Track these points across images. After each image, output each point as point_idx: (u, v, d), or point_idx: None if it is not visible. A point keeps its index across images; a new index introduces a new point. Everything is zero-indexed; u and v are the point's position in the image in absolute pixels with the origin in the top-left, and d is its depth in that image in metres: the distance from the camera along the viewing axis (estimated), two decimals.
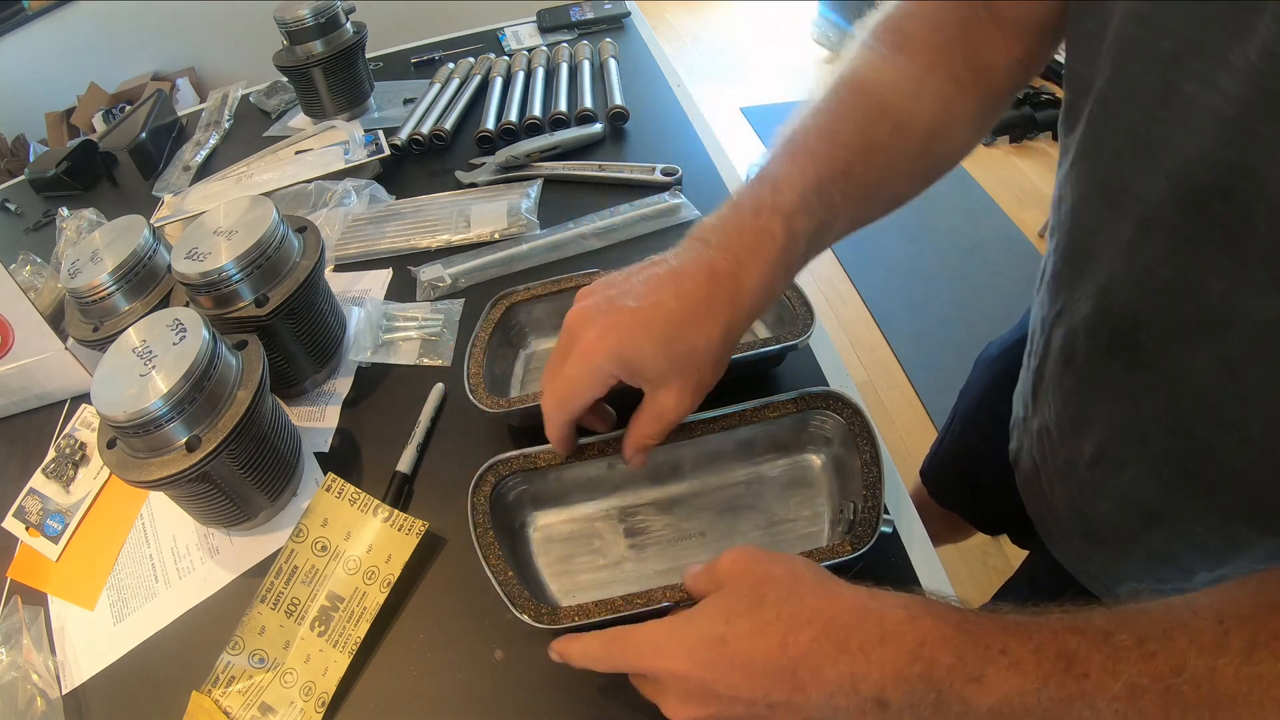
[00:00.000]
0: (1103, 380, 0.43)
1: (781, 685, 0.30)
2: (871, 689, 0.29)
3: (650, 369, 0.38)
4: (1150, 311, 0.37)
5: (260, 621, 0.48)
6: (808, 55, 2.94)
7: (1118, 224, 0.37)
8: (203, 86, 2.10)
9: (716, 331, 0.38)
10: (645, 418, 0.41)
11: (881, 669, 0.29)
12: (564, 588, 0.49)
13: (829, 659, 0.30)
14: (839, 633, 0.30)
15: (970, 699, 0.28)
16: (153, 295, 0.61)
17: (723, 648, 0.32)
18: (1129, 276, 0.37)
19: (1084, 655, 0.27)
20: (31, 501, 0.62)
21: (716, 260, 0.39)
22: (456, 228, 0.78)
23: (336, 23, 0.89)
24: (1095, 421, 0.45)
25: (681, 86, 0.97)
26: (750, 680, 0.31)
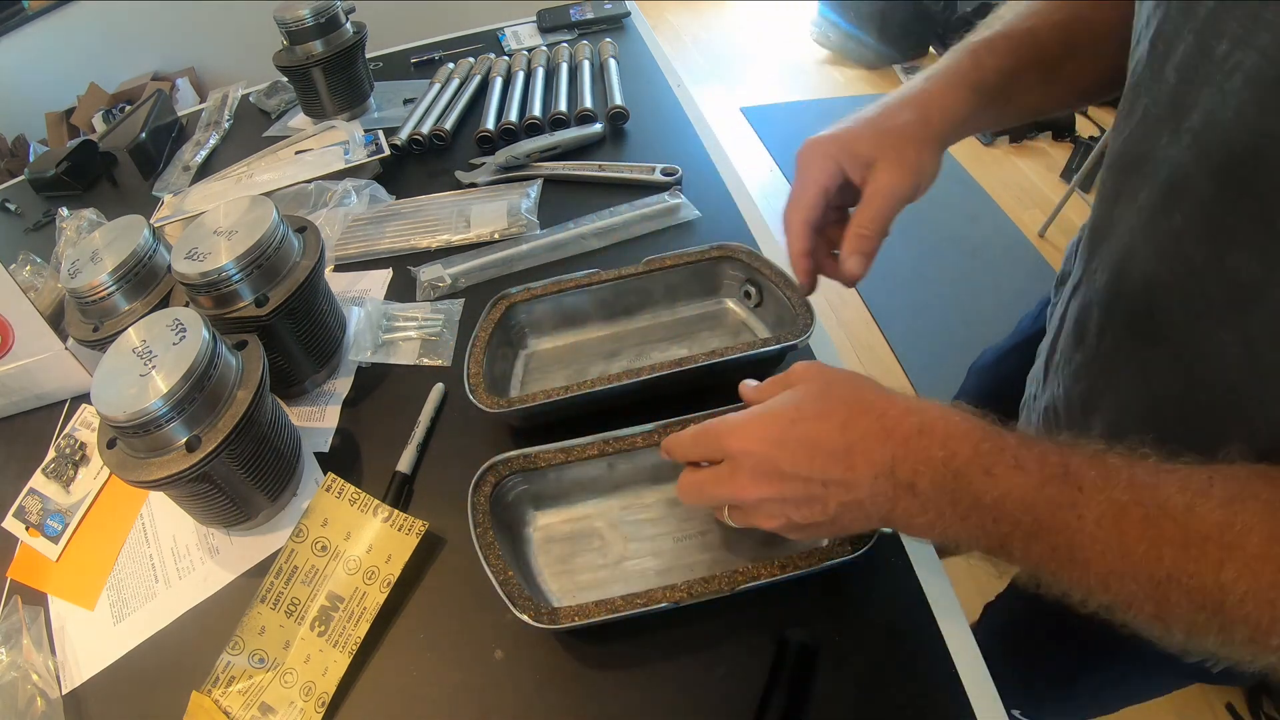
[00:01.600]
0: (1114, 357, 0.43)
1: (838, 464, 0.35)
2: (906, 474, 0.34)
3: (861, 146, 0.44)
4: (1169, 285, 0.37)
5: (260, 621, 0.48)
6: (808, 55, 2.94)
7: (1139, 190, 0.37)
8: (203, 86, 2.09)
9: (911, 115, 0.45)
10: (862, 204, 0.45)
11: (915, 454, 0.33)
12: (564, 588, 0.49)
13: (878, 442, 0.34)
14: (889, 422, 0.35)
15: (979, 489, 0.32)
16: (153, 295, 0.61)
17: (793, 428, 0.36)
18: (1150, 248, 0.37)
19: (1080, 471, 0.31)
20: (31, 501, 0.62)
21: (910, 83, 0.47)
22: (456, 228, 0.78)
23: (336, 23, 0.89)
24: (1104, 400, 0.45)
25: (681, 86, 0.97)
26: (813, 457, 0.35)
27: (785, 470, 0.36)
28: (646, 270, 0.61)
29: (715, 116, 2.60)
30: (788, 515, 0.37)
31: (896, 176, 0.43)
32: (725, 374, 0.55)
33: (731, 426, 0.38)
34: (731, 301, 0.64)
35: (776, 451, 0.36)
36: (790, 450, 0.36)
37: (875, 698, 0.43)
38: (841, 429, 0.35)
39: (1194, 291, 0.35)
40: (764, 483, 0.36)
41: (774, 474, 0.36)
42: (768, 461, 0.36)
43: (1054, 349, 0.51)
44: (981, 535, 0.33)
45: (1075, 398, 0.48)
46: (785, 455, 0.36)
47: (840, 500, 0.35)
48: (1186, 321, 0.36)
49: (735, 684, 0.44)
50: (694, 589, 0.43)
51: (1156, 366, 0.40)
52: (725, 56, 3.03)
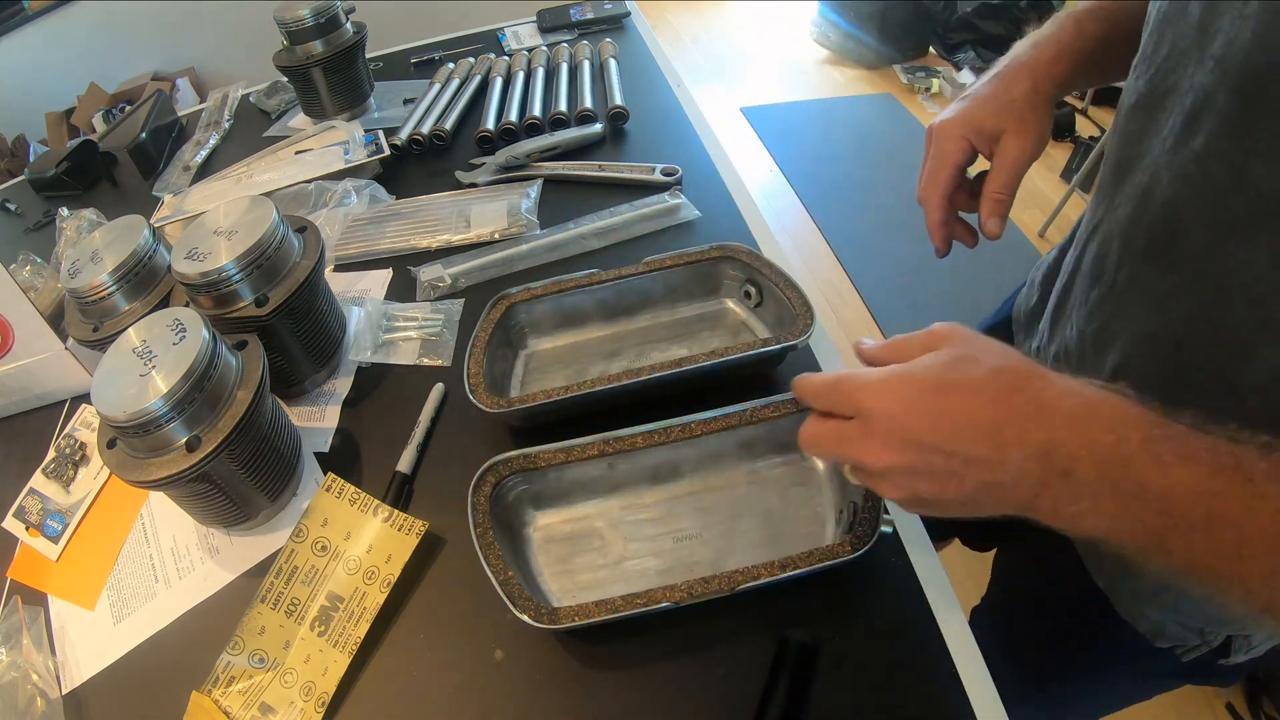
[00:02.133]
0: (1132, 288, 0.43)
1: (985, 441, 0.32)
2: (1063, 459, 0.31)
3: (986, 121, 0.50)
4: (1192, 206, 0.37)
5: (260, 621, 0.48)
6: (808, 55, 2.94)
7: (1165, 121, 0.38)
8: (203, 86, 2.09)
9: (1026, 84, 0.49)
10: (993, 171, 0.50)
11: (1080, 438, 0.31)
12: (564, 588, 0.49)
13: (1033, 422, 0.31)
14: (1047, 401, 0.32)
15: (1146, 479, 0.30)
16: (153, 295, 0.61)
17: (938, 397, 0.33)
18: (1173, 171, 0.38)
19: (1251, 462, 0.29)
20: (31, 501, 0.62)
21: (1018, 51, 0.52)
22: (456, 228, 0.78)
23: (336, 23, 0.89)
24: (1120, 334, 0.45)
25: (681, 86, 0.97)
26: (957, 431, 0.32)
27: (924, 440, 0.33)
28: (646, 270, 0.61)
29: (715, 116, 2.60)
30: (915, 489, 0.34)
31: (1023, 144, 0.49)
32: (725, 374, 0.55)
33: (870, 382, 0.34)
34: (731, 301, 0.64)
35: (917, 419, 0.33)
36: (933, 420, 0.33)
37: (875, 698, 0.43)
38: (993, 403, 0.32)
39: (1217, 209, 0.35)
40: (897, 450, 0.33)
41: (910, 442, 0.33)
42: (906, 428, 0.33)
43: (1067, 294, 0.52)
44: (1139, 528, 0.31)
45: (1089, 336, 0.49)
46: (926, 424, 0.33)
47: (980, 480, 0.32)
48: (1209, 240, 0.36)
49: (735, 684, 0.44)
50: (694, 589, 0.43)
51: (1176, 293, 0.39)
52: (725, 56, 3.02)
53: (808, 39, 2.99)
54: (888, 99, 2.59)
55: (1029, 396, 0.32)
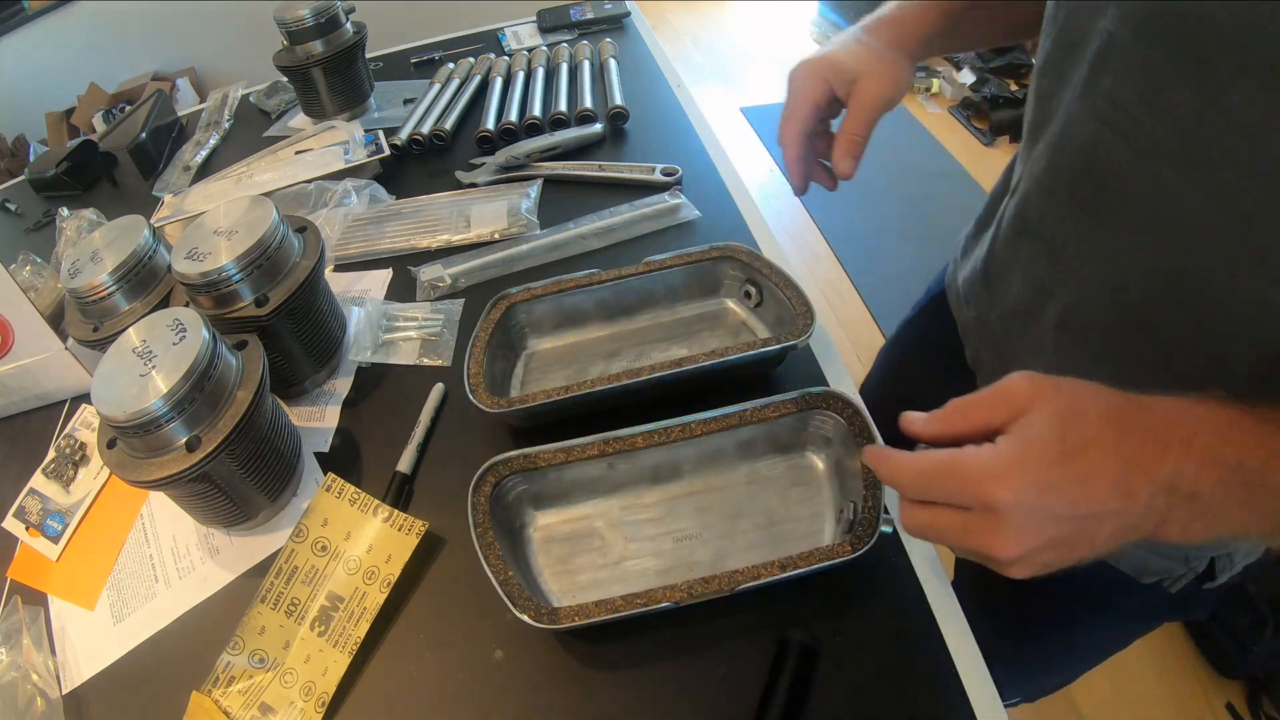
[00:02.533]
0: (1065, 236, 0.44)
1: (1116, 492, 0.30)
2: (1189, 483, 0.30)
3: (846, 63, 0.51)
4: (1112, 145, 0.37)
5: (260, 621, 0.48)
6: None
7: (1074, 72, 0.40)
8: (203, 86, 2.09)
9: (890, 34, 0.52)
10: (850, 113, 0.51)
11: (1198, 458, 0.30)
12: (564, 588, 0.49)
13: (1155, 458, 0.30)
14: (1159, 431, 0.31)
15: (1266, 475, 0.30)
16: (153, 295, 0.61)
17: (1066, 463, 0.30)
18: (1087, 114, 0.39)
19: None
20: (31, 501, 0.62)
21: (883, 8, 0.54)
22: (456, 228, 0.78)
23: (336, 23, 0.89)
24: (1059, 285, 0.46)
25: (681, 86, 0.96)
26: (1090, 493, 0.30)
27: (1060, 514, 0.30)
28: (646, 270, 0.61)
29: (715, 116, 2.60)
30: (1047, 561, 0.32)
31: (879, 87, 0.50)
32: (725, 374, 0.55)
33: (995, 471, 0.31)
34: (731, 301, 0.64)
35: (1051, 497, 0.30)
36: (1067, 490, 0.30)
37: (875, 697, 0.43)
38: (1115, 451, 0.30)
39: (1140, 139, 0.36)
40: (1032, 535, 0.31)
41: (1047, 522, 0.31)
42: (1043, 510, 0.30)
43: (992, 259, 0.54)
44: (1265, 518, 0.31)
45: (1029, 292, 0.50)
46: (1060, 498, 0.30)
47: (1113, 528, 0.31)
48: (1139, 175, 0.36)
49: (735, 684, 0.44)
50: (694, 589, 0.43)
51: (1114, 233, 0.40)
52: (725, 56, 3.02)
53: (808, 39, 2.99)
54: None
55: (1144, 432, 0.31)
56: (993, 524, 0.31)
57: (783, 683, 0.42)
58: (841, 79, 0.51)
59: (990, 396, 0.33)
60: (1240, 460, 0.30)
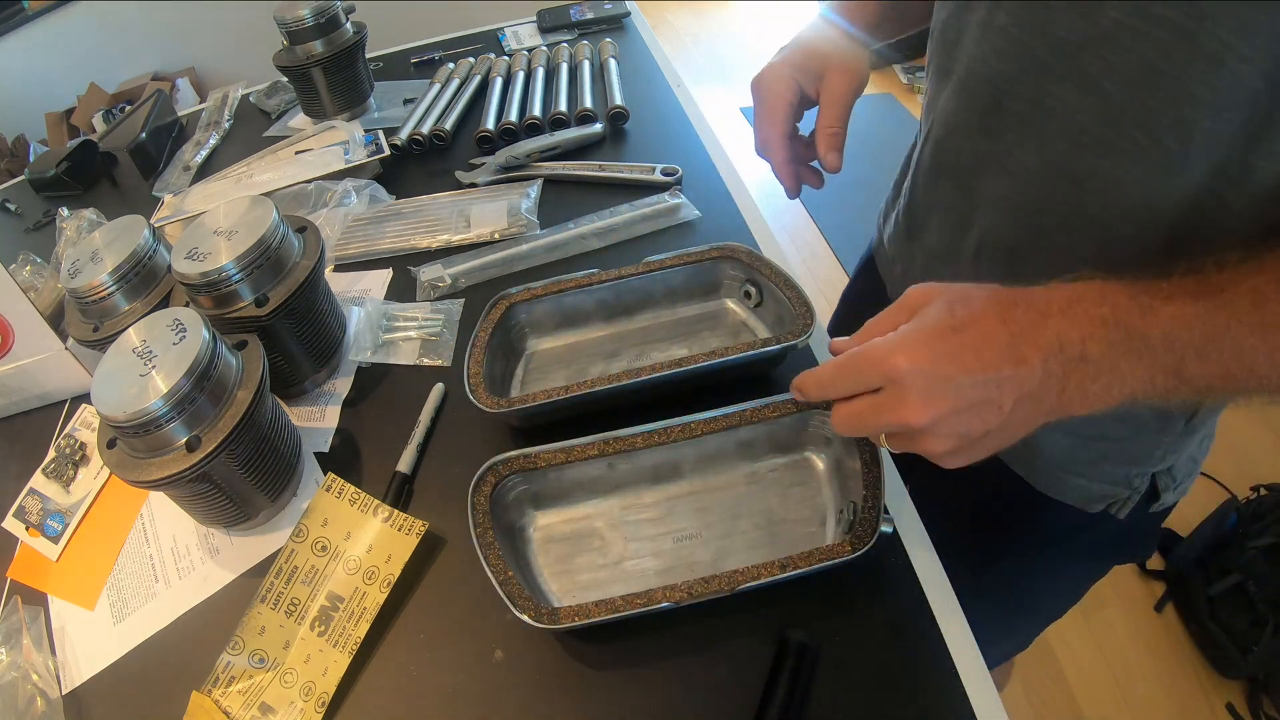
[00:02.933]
0: (978, 168, 0.48)
1: (1008, 358, 0.34)
2: (1075, 345, 0.34)
3: (812, 60, 0.53)
4: (1009, 72, 0.42)
5: (260, 621, 0.48)
6: None
7: (974, 15, 0.44)
8: (203, 86, 2.09)
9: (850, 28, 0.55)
10: (823, 108, 0.53)
11: (1079, 321, 0.34)
12: (564, 588, 0.49)
13: (1038, 325, 0.34)
14: (1040, 303, 0.35)
15: (1145, 329, 0.33)
16: (153, 295, 0.61)
17: (955, 335, 0.35)
18: (985, 48, 0.44)
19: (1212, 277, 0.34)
20: (31, 501, 0.62)
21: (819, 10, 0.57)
22: (456, 228, 0.78)
23: (336, 23, 0.89)
24: (974, 213, 0.50)
25: (681, 86, 0.96)
26: (983, 359, 0.34)
27: (960, 378, 0.34)
28: (646, 270, 0.61)
29: (715, 116, 2.60)
30: (960, 430, 0.35)
31: (846, 79, 0.53)
32: (725, 374, 0.55)
33: (890, 348, 0.35)
34: (731, 301, 0.64)
35: (947, 364, 0.34)
36: (960, 357, 0.34)
37: (875, 697, 0.43)
38: (1001, 322, 0.35)
39: (1028, 63, 0.41)
40: (937, 399, 0.34)
41: (947, 386, 0.34)
42: (939, 376, 0.34)
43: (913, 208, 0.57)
44: (1158, 374, 0.34)
45: (948, 228, 0.53)
46: (956, 364, 0.34)
47: (1015, 395, 0.34)
48: (1030, 96, 0.42)
49: (735, 684, 0.44)
50: (694, 589, 0.43)
51: (1015, 151, 0.44)
52: (725, 56, 3.02)
53: None
54: (888, 99, 2.59)
55: (1026, 305, 0.35)
56: (900, 394, 0.35)
57: (783, 683, 0.42)
58: (809, 77, 0.53)
59: (895, 306, 0.39)
60: (1118, 319, 0.34)
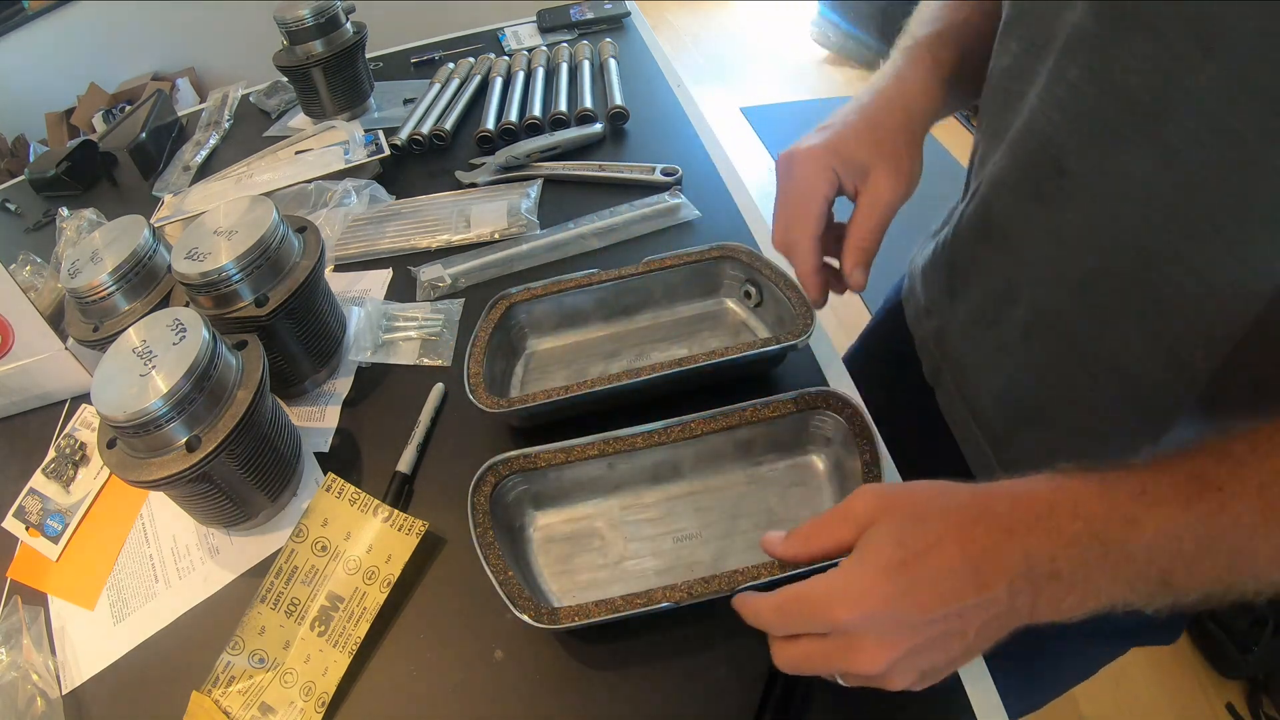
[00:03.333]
0: (1027, 235, 0.43)
1: (969, 587, 0.31)
2: (1044, 564, 0.30)
3: (858, 154, 0.44)
4: (1074, 133, 0.37)
5: (260, 621, 0.48)
6: (808, 55, 2.94)
7: (1037, 65, 0.39)
8: (203, 86, 2.09)
9: (900, 117, 0.45)
10: (860, 215, 0.44)
11: (1049, 538, 0.30)
12: (564, 588, 0.49)
13: (1002, 546, 0.31)
14: (1003, 519, 0.31)
15: (1127, 541, 0.30)
16: (153, 295, 0.61)
17: (906, 571, 0.31)
18: (1048, 103, 0.38)
19: (1212, 472, 0.29)
20: (31, 501, 0.62)
21: (878, 84, 0.47)
22: (456, 228, 0.78)
23: (336, 23, 0.89)
24: (1023, 284, 0.45)
25: (681, 86, 0.96)
26: (941, 593, 0.31)
27: (916, 620, 0.31)
28: (646, 270, 0.61)
29: (715, 116, 2.59)
30: (922, 666, 0.32)
31: (895, 185, 0.43)
32: (725, 374, 0.55)
33: (834, 594, 0.32)
34: (731, 301, 0.64)
35: (900, 606, 0.31)
36: (915, 595, 0.31)
37: (875, 698, 0.43)
38: (959, 551, 0.31)
39: (1094, 126, 0.36)
40: (893, 644, 0.31)
41: (902, 630, 0.31)
42: (891, 621, 0.31)
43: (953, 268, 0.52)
44: (1140, 583, 0.31)
45: (993, 296, 0.48)
46: (911, 604, 0.31)
47: (979, 622, 0.31)
48: (1098, 161, 0.36)
49: (735, 684, 0.44)
50: (694, 589, 0.43)
51: (1074, 224, 0.39)
52: (725, 56, 3.02)
53: (808, 39, 2.99)
54: None
55: (987, 524, 0.32)
56: (850, 643, 0.32)
57: (782, 683, 0.42)
58: (851, 172, 0.44)
59: (838, 515, 0.35)
60: (1094, 532, 0.30)
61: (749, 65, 2.95)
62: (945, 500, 0.33)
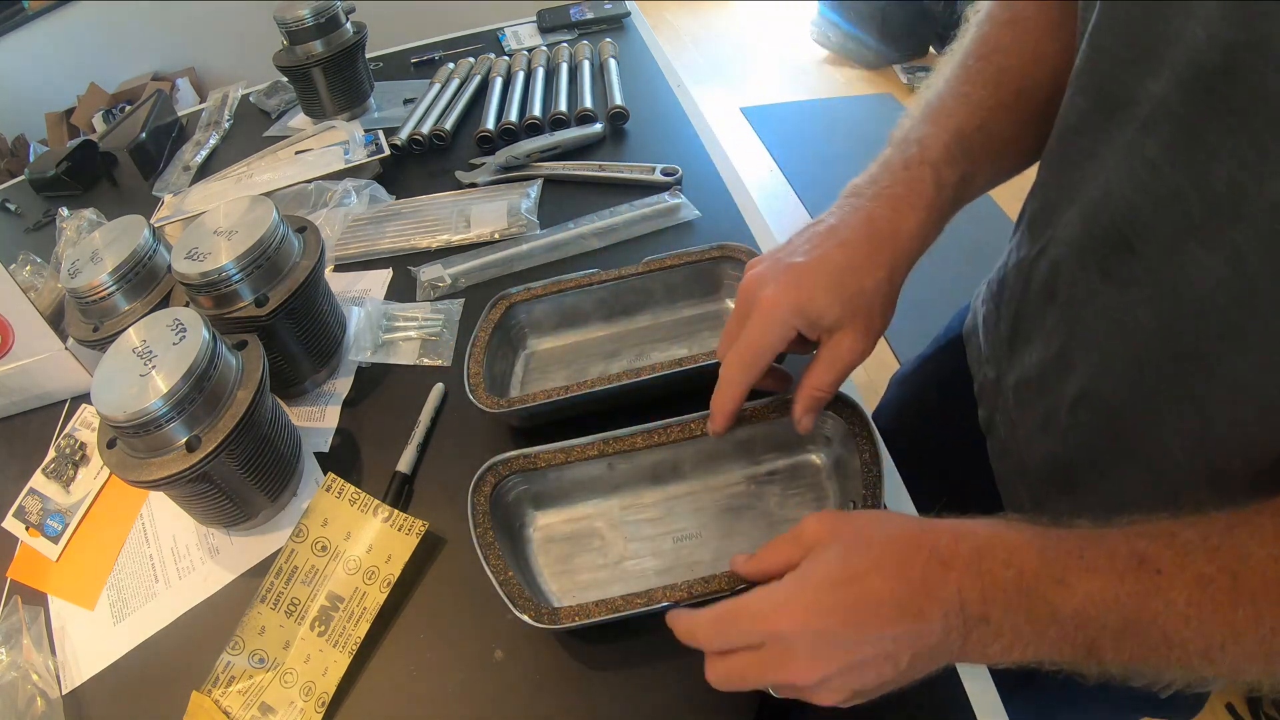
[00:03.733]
0: (1089, 307, 0.41)
1: (905, 614, 0.31)
2: (975, 605, 0.31)
3: (827, 314, 0.41)
4: (1149, 214, 0.35)
5: (260, 621, 0.48)
6: (808, 55, 2.94)
7: (1116, 133, 0.36)
8: (203, 86, 2.09)
9: (882, 274, 0.41)
10: (820, 365, 0.42)
11: (981, 580, 0.31)
12: (564, 588, 0.49)
13: (940, 577, 0.31)
14: (944, 554, 0.32)
15: (1055, 601, 0.30)
16: (153, 295, 0.61)
17: (846, 590, 0.32)
18: (1126, 181, 0.36)
19: (1155, 554, 0.29)
20: (31, 501, 0.62)
21: (873, 211, 0.42)
22: (456, 228, 0.78)
23: (336, 23, 0.89)
24: (1079, 357, 0.43)
25: (681, 86, 0.96)
26: (878, 616, 0.31)
27: (850, 639, 0.32)
28: (646, 270, 0.61)
29: (715, 116, 2.59)
30: (853, 686, 0.33)
31: (860, 345, 0.41)
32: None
33: (773, 605, 0.33)
34: (731, 301, 0.64)
35: (834, 621, 0.32)
36: (851, 615, 0.32)
37: (873, 700, 0.43)
38: (898, 574, 0.32)
39: (1173, 214, 0.34)
40: (825, 660, 0.32)
41: (837, 646, 0.32)
42: (827, 635, 0.32)
43: (1019, 321, 0.50)
44: (1066, 646, 0.31)
45: (1049, 363, 0.47)
46: (847, 623, 0.32)
47: (911, 650, 0.32)
48: (1167, 248, 0.35)
49: None
50: (694, 589, 0.43)
51: (1134, 308, 0.38)
52: (725, 56, 3.03)
53: (808, 39, 2.99)
54: (888, 99, 2.60)
55: (926, 554, 0.32)
56: (784, 653, 0.33)
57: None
58: (815, 328, 0.42)
59: (788, 538, 0.37)
60: (1024, 585, 0.31)
61: (749, 65, 2.96)
62: (890, 528, 0.34)
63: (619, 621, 0.43)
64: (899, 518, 0.35)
